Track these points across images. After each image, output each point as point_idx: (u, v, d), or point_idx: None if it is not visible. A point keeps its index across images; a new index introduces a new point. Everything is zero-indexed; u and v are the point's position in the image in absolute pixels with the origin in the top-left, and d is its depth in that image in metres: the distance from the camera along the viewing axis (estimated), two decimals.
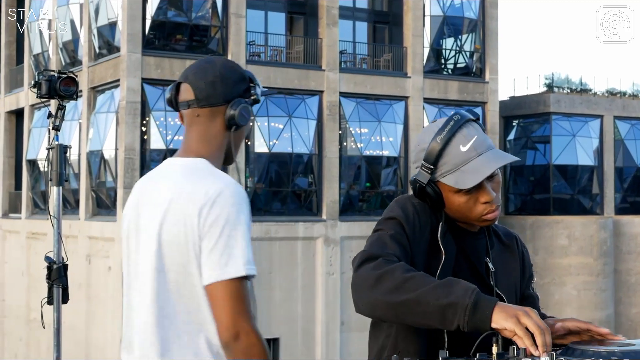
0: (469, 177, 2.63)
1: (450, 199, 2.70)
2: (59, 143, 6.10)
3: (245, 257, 2.51)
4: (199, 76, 2.72)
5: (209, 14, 28.89)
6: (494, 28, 33.70)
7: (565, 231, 34.36)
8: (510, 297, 2.82)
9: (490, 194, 2.68)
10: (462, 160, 2.65)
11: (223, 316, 2.47)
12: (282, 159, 29.80)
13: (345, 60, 31.77)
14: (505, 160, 2.67)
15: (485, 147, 2.67)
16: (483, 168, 2.63)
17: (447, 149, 2.66)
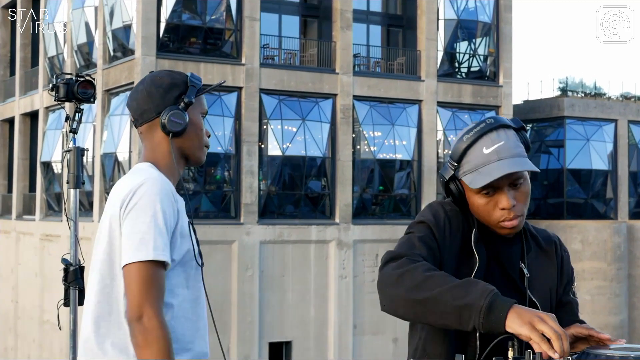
0: (481, 178, 2.65)
1: (471, 199, 2.74)
2: (75, 146, 6.13)
3: (155, 243, 2.71)
4: (131, 98, 3.00)
5: (223, 17, 28.94)
6: (508, 32, 33.65)
7: (579, 236, 34.28)
8: (545, 304, 2.80)
9: (508, 201, 2.68)
10: (482, 162, 2.67)
11: (130, 297, 2.68)
12: (295, 162, 29.81)
13: (359, 64, 31.76)
14: (521, 167, 2.66)
15: (509, 154, 2.68)
16: (496, 171, 2.64)
17: (471, 148, 2.70)
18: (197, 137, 2.97)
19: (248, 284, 27.69)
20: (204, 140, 3.01)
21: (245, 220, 28.06)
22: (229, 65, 28.36)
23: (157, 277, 2.71)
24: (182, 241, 2.83)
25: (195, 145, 2.97)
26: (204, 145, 3.01)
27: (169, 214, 2.77)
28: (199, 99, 3.00)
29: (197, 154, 2.99)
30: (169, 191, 2.82)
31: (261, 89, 28.78)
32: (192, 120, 2.96)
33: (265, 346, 28.21)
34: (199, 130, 2.98)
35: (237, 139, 28.41)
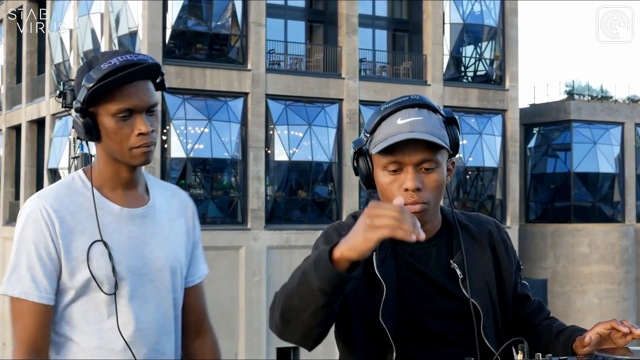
0: (384, 144, 2.43)
1: (377, 177, 2.50)
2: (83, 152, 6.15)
3: (7, 274, 2.48)
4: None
5: (229, 23, 28.97)
6: (514, 35, 33.62)
7: (586, 239, 34.22)
8: (485, 305, 2.54)
9: (412, 182, 2.42)
10: (393, 131, 2.44)
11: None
12: (301, 167, 29.81)
13: (364, 69, 31.78)
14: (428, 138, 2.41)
15: (423, 129, 2.45)
16: (398, 138, 2.42)
17: (387, 119, 2.48)
18: (113, 143, 2.50)
19: (255, 290, 27.68)
20: (125, 143, 2.49)
21: (252, 225, 28.06)
22: (235, 71, 28.38)
23: (16, 311, 2.48)
24: (78, 269, 2.48)
25: (116, 151, 2.51)
26: (131, 148, 2.49)
27: (37, 242, 2.47)
28: (104, 100, 2.47)
29: (125, 159, 2.52)
30: (39, 214, 2.48)
31: (267, 94, 28.79)
32: (102, 125, 2.49)
33: (273, 352, 28.19)
34: (113, 135, 2.48)
35: (244, 144, 28.41)
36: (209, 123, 27.87)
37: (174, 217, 2.71)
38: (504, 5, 33.50)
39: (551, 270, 34.62)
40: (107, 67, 2.44)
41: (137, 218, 2.60)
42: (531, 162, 37.41)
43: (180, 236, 2.71)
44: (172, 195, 2.76)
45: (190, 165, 28.17)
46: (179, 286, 2.69)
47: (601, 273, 34.09)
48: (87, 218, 2.52)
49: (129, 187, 2.61)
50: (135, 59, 2.49)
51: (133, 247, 2.57)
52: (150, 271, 2.59)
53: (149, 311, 2.58)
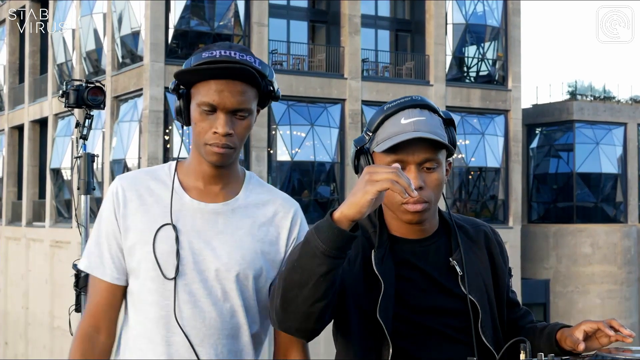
0: (389, 142, 2.45)
1: None
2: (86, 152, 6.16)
3: (86, 251, 2.56)
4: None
5: (232, 23, 28.98)
6: (517, 36, 33.62)
7: (588, 239, 34.23)
8: (483, 302, 2.57)
9: (415, 180, 2.46)
10: (397, 130, 2.47)
11: None
12: (304, 168, 29.82)
13: (367, 69, 31.79)
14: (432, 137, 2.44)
15: (426, 129, 2.48)
16: (405, 137, 2.44)
17: (390, 118, 2.51)
18: (194, 132, 2.50)
19: None
20: (201, 137, 2.46)
21: None
22: None
23: (90, 285, 2.56)
24: (136, 249, 2.48)
25: (195, 141, 2.52)
26: (205, 143, 2.46)
27: (105, 219, 2.52)
28: (196, 88, 2.45)
29: (200, 152, 2.51)
30: (112, 193, 2.52)
31: None
32: (191, 111, 2.49)
33: None
34: (194, 125, 2.47)
35: (246, 144, 28.42)
36: None
37: (262, 222, 2.56)
38: (507, 6, 33.50)
39: (553, 270, 34.62)
40: (206, 56, 2.42)
41: (208, 213, 2.52)
42: (534, 162, 37.41)
43: (260, 243, 2.54)
44: (272, 202, 2.60)
45: None
46: (243, 293, 2.51)
47: (603, 273, 34.09)
48: (155, 203, 2.51)
49: (211, 182, 2.55)
50: (238, 57, 2.42)
51: (193, 241, 2.48)
52: (204, 269, 2.48)
53: (197, 311, 2.47)
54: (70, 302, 6.36)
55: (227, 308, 2.50)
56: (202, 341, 2.47)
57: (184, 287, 2.46)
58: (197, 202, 2.52)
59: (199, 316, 2.47)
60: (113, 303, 2.52)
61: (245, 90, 2.43)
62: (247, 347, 2.56)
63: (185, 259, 2.46)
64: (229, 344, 2.51)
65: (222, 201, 2.54)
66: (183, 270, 2.46)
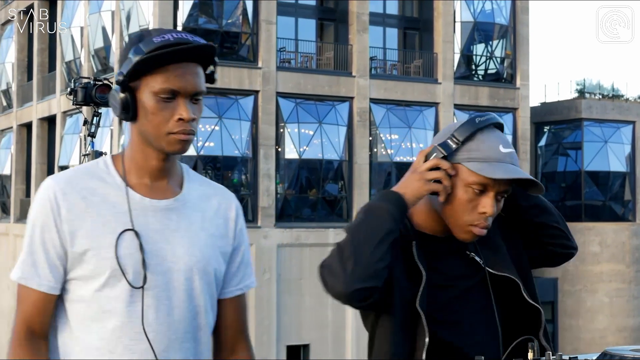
0: (499, 171, 2.51)
1: (456, 189, 2.56)
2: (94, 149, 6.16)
3: (20, 260, 2.37)
4: None
5: (240, 21, 28.99)
6: (525, 34, 33.57)
7: (597, 238, 34.17)
8: (515, 270, 2.67)
9: (492, 207, 2.53)
10: (497, 157, 2.53)
11: None
12: (312, 165, 29.82)
13: (375, 67, 31.76)
14: (539, 182, 2.61)
15: (516, 163, 2.59)
16: (515, 172, 2.52)
17: (485, 139, 2.56)
18: (150, 124, 2.31)
19: (266, 288, 27.70)
20: (163, 127, 2.30)
21: (263, 223, 28.07)
22: (246, 69, 28.40)
23: (20, 296, 2.36)
24: (90, 256, 2.31)
25: (152, 134, 2.32)
26: (168, 132, 2.30)
27: (40, 225, 2.33)
28: (150, 76, 2.30)
29: (157, 144, 2.33)
30: (46, 197, 2.33)
31: (278, 92, 28.81)
32: (142, 103, 2.31)
33: (283, 349, 28.22)
34: (151, 115, 2.29)
35: (254, 142, 28.43)
36: (219, 121, 27.90)
37: (210, 216, 2.46)
38: (515, 4, 33.44)
39: (562, 269, 34.56)
40: (159, 41, 2.27)
41: (160, 211, 2.38)
42: (542, 160, 37.35)
43: (213, 237, 2.45)
44: (214, 194, 2.51)
45: (200, 163, 28.18)
46: (205, 292, 2.42)
47: (612, 272, 34.02)
48: (102, 203, 2.33)
49: (158, 178, 2.40)
50: (191, 39, 2.31)
51: (150, 241, 2.34)
52: (166, 270, 2.35)
53: (160, 314, 2.34)
54: None
55: (191, 309, 2.39)
56: (167, 347, 2.35)
57: (147, 292, 2.33)
58: (149, 200, 2.37)
59: (164, 320, 2.34)
60: (47, 312, 2.35)
61: (200, 72, 2.35)
62: (206, 348, 2.47)
63: (145, 262, 2.32)
64: (192, 347, 2.41)
65: (171, 197, 2.41)
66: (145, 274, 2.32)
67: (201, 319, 2.43)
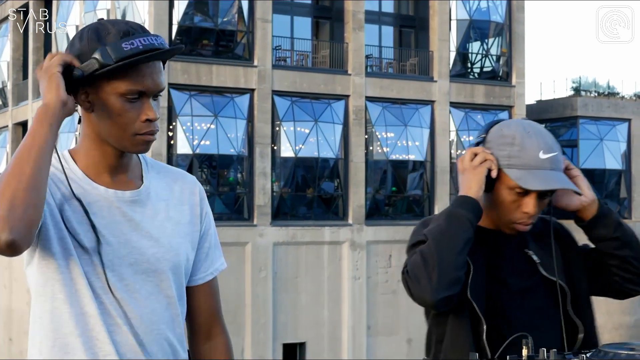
0: (534, 181, 2.67)
1: (499, 190, 2.74)
2: None
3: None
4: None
5: (235, 19, 28.98)
6: (521, 32, 33.59)
7: None
8: (565, 279, 2.81)
9: (535, 208, 2.72)
10: (536, 165, 2.69)
11: None
12: (308, 164, 29.81)
13: (371, 65, 31.76)
14: (574, 188, 2.75)
15: (559, 168, 2.74)
16: (552, 181, 2.68)
17: (527, 145, 2.71)
18: (114, 125, 2.26)
19: (262, 286, 27.70)
20: (129, 128, 2.26)
21: (259, 222, 28.07)
22: (241, 67, 28.39)
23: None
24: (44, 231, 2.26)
25: (115, 134, 2.27)
26: (135, 134, 2.26)
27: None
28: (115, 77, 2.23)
29: (121, 144, 2.29)
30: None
31: (273, 90, 28.80)
32: (105, 104, 2.25)
33: (279, 347, 28.22)
34: (117, 116, 2.25)
35: (250, 140, 28.43)
36: (215, 119, 27.90)
37: (174, 203, 2.42)
38: (511, 2, 33.46)
39: None
40: (129, 49, 2.19)
41: (125, 203, 2.32)
42: None
43: (180, 225, 2.41)
44: (174, 180, 2.46)
45: (196, 162, 28.18)
46: (175, 282, 2.39)
47: None
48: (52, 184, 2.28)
49: (117, 172, 2.35)
50: (156, 43, 2.24)
51: (117, 234, 2.30)
52: (137, 262, 2.31)
53: (134, 308, 2.30)
54: None
55: (161, 300, 2.35)
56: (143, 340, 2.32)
57: (117, 285, 2.28)
58: (114, 192, 2.32)
59: (137, 314, 2.30)
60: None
61: (162, 69, 2.32)
62: (181, 337, 2.43)
63: (116, 253, 2.28)
64: (169, 338, 2.37)
65: (134, 188, 2.36)
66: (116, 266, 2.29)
67: (175, 309, 2.39)
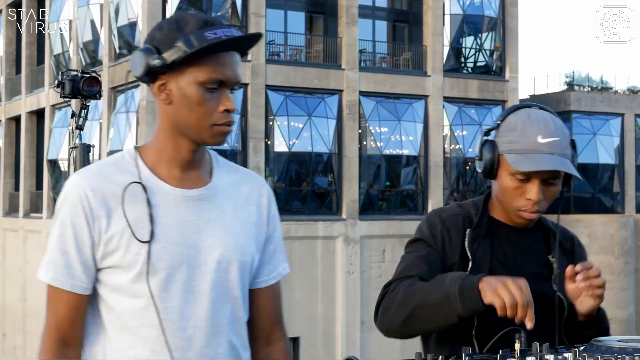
0: (528, 163, 2.62)
1: (502, 177, 2.71)
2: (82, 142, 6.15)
3: (44, 258, 2.29)
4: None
5: (229, 14, 28.93)
6: (514, 26, 33.59)
7: (586, 230, 34.22)
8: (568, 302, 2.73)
9: (537, 194, 2.67)
10: (533, 148, 2.65)
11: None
12: (301, 158, 29.80)
13: (364, 59, 31.74)
14: (570, 170, 2.66)
15: (560, 152, 2.66)
16: (547, 163, 2.62)
17: (526, 130, 2.67)
18: (192, 115, 2.24)
19: None
20: (207, 118, 2.25)
21: None
22: None
23: (50, 297, 2.31)
24: (115, 251, 2.26)
25: (193, 125, 2.25)
26: (213, 124, 2.25)
27: (72, 224, 2.24)
28: (194, 65, 2.23)
29: (198, 135, 2.27)
30: (76, 194, 2.24)
31: (267, 85, 28.77)
32: (183, 93, 2.24)
33: None
34: (196, 106, 2.23)
35: (244, 135, 28.40)
36: None
37: (242, 203, 2.39)
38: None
39: None
40: (212, 37, 2.18)
41: (192, 201, 2.30)
42: None
43: (247, 226, 2.38)
44: (243, 180, 2.43)
45: None
46: (240, 283, 2.36)
47: (601, 264, 34.07)
48: (131, 199, 2.25)
49: (188, 168, 2.32)
50: (237, 34, 2.24)
51: (184, 233, 2.27)
52: (202, 262, 2.28)
53: (199, 309, 2.28)
54: None
55: (227, 301, 2.33)
56: (208, 342, 2.29)
57: (184, 286, 2.26)
58: (181, 190, 2.29)
59: (202, 315, 2.28)
60: (81, 315, 2.30)
61: (241, 62, 2.32)
62: (244, 339, 2.41)
63: (181, 255, 2.26)
64: (233, 340, 2.35)
65: (203, 186, 2.33)
66: (181, 267, 2.26)
67: (239, 310, 2.37)
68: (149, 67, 2.22)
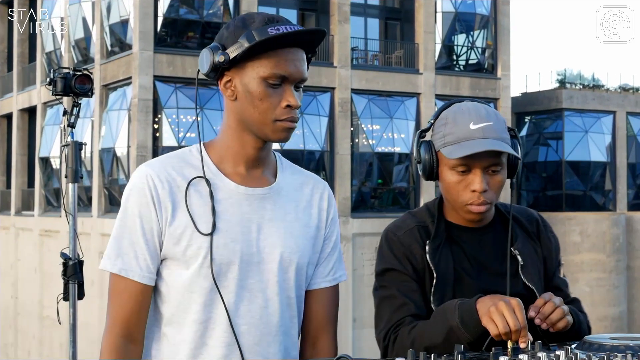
0: (460, 150, 2.55)
1: (443, 174, 2.64)
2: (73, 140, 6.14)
3: (108, 249, 2.29)
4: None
5: (221, 12, 28.90)
6: (506, 24, 33.62)
7: (577, 228, 34.30)
8: (539, 289, 2.69)
9: (481, 184, 2.57)
10: (466, 136, 2.58)
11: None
12: (293, 156, 29.78)
13: (356, 57, 31.75)
14: (503, 148, 2.57)
15: (494, 135, 2.59)
16: (478, 147, 2.54)
17: (457, 121, 2.62)
18: (256, 111, 2.26)
19: None
20: (269, 113, 2.27)
21: None
22: None
23: (114, 287, 2.29)
24: (178, 244, 2.28)
25: (256, 120, 2.27)
26: (275, 120, 2.28)
27: (139, 215, 2.26)
28: (256, 60, 2.26)
29: (261, 131, 2.29)
30: (144, 185, 2.27)
31: None
32: (247, 88, 2.27)
33: None
34: (258, 101, 2.25)
35: None
36: (201, 112, 27.83)
37: (303, 205, 2.44)
38: None
39: None
40: (274, 33, 2.22)
41: (255, 199, 2.33)
42: (523, 150, 37.23)
43: (307, 228, 2.41)
44: (306, 182, 2.50)
45: None
46: (297, 284, 2.38)
47: (592, 261, 34.17)
48: (195, 192, 2.29)
49: (253, 166, 2.37)
50: (298, 29, 2.29)
51: (245, 230, 2.30)
52: (261, 261, 2.31)
53: (254, 307, 2.30)
54: (59, 292, 6.34)
55: (283, 301, 2.35)
56: (260, 340, 2.31)
57: (240, 282, 2.28)
58: (244, 188, 2.33)
59: (256, 313, 2.30)
60: (147, 307, 2.30)
61: (305, 59, 2.37)
62: (296, 340, 2.43)
63: (241, 252, 2.28)
64: (284, 341, 2.37)
65: (267, 185, 2.38)
66: (240, 264, 2.28)
67: (293, 311, 2.39)
68: (214, 64, 2.27)
